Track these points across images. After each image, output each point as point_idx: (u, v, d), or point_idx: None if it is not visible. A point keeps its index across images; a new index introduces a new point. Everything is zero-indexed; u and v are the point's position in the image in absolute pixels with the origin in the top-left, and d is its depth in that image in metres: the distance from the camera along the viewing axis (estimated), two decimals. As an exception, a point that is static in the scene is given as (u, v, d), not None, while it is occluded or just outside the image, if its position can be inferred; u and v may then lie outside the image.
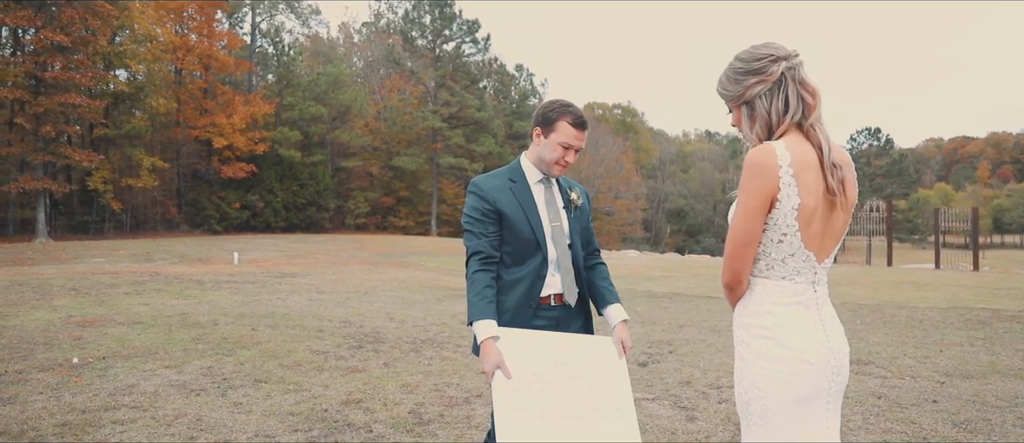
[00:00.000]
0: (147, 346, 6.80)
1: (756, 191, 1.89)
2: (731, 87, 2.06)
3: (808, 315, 1.96)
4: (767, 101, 2.00)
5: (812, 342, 1.93)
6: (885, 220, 27.44)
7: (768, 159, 1.89)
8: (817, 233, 1.94)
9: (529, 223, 2.69)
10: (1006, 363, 6.34)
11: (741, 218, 1.93)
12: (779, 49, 2.00)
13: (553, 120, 2.69)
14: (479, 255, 2.64)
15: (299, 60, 46.05)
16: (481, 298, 2.56)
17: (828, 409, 1.97)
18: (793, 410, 1.93)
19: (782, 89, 1.98)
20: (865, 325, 8.68)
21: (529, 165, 2.80)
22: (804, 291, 1.97)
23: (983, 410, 4.81)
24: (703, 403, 5.01)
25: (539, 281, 2.69)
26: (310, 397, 5.04)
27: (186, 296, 11.13)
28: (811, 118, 1.96)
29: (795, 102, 1.96)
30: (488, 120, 52.15)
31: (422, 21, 52.78)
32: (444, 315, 9.41)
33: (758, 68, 1.99)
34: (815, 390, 1.93)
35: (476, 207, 2.69)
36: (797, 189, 1.88)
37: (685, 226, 68.44)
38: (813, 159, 1.92)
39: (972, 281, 15.51)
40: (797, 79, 1.98)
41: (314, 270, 16.98)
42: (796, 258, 1.94)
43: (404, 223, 49.91)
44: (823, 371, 1.93)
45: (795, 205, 1.89)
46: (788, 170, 1.88)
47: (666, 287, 13.67)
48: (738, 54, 2.06)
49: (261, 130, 39.66)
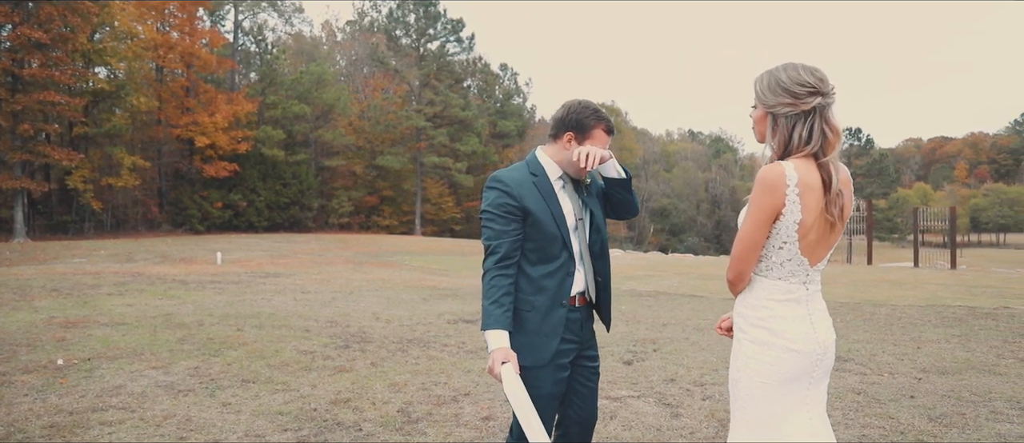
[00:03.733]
0: (132, 347, 6.79)
1: (766, 206, 2.11)
2: (766, 94, 2.20)
3: (798, 309, 2.19)
4: (791, 123, 2.16)
5: (800, 333, 2.17)
6: (866, 219, 27.74)
7: (778, 179, 2.09)
8: (812, 243, 2.16)
9: (554, 219, 2.61)
10: (981, 359, 6.48)
11: (751, 226, 2.15)
12: (822, 84, 2.14)
13: (590, 127, 2.66)
14: (498, 256, 2.56)
15: (282, 58, 45.79)
16: (498, 306, 2.49)
17: (809, 388, 2.20)
18: (776, 389, 2.17)
19: (808, 120, 2.15)
20: (845, 323, 8.81)
21: (550, 162, 2.71)
22: (796, 289, 2.19)
23: (958, 405, 4.92)
24: (688, 400, 5.09)
25: (568, 278, 2.64)
26: (299, 397, 5.07)
27: (170, 296, 11.09)
28: (830, 155, 2.14)
29: (818, 135, 2.14)
30: (472, 119, 52.16)
31: (406, 20, 52.70)
32: (430, 314, 9.44)
33: (796, 92, 2.14)
34: (798, 373, 2.17)
35: (500, 203, 2.59)
36: (800, 207, 2.10)
37: (668, 225, 68.75)
38: (817, 183, 2.12)
39: (950, 279, 15.75)
40: (825, 116, 2.16)
41: (298, 270, 16.94)
42: (792, 263, 2.17)
43: (388, 222, 49.81)
44: (808, 357, 2.17)
45: (796, 220, 2.11)
46: (794, 189, 2.09)
47: (650, 286, 13.78)
48: (788, 66, 2.19)
49: (244, 129, 39.42)
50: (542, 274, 2.61)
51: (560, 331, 2.61)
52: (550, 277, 2.61)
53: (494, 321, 2.47)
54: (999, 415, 4.68)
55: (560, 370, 2.63)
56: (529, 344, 2.56)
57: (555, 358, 2.60)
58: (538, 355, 2.57)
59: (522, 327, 2.58)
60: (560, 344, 2.61)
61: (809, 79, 2.14)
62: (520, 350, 2.52)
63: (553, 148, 2.72)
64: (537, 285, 2.60)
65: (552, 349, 2.59)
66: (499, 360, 2.40)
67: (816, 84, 2.13)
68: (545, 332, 2.59)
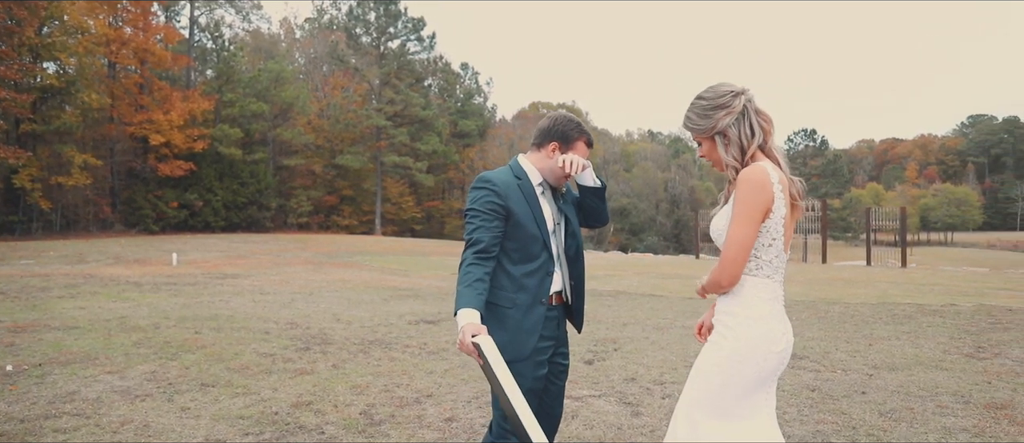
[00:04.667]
0: (85, 351, 6.64)
1: (759, 204, 2.21)
2: (702, 122, 2.37)
3: (779, 309, 2.31)
4: (737, 128, 2.32)
5: (781, 334, 2.28)
6: (820, 219, 28.34)
7: (765, 178, 2.22)
8: (789, 235, 2.33)
9: (536, 221, 2.76)
10: (928, 355, 6.70)
11: (745, 228, 2.21)
12: (734, 86, 2.33)
13: (573, 139, 2.84)
14: (478, 246, 2.65)
15: (239, 56, 44.99)
16: (471, 289, 2.56)
17: (769, 389, 2.32)
18: (748, 388, 2.26)
19: (746, 118, 2.32)
20: (801, 321, 9.02)
21: (532, 169, 2.87)
22: (779, 289, 2.31)
23: (907, 400, 5.09)
24: (648, 399, 5.17)
25: (548, 278, 2.77)
26: (259, 400, 5.03)
27: (124, 299, 10.86)
28: (769, 142, 2.33)
29: (757, 128, 2.32)
30: (433, 119, 51.94)
31: (366, 18, 52.24)
32: (391, 315, 9.41)
33: (723, 103, 2.32)
34: (771, 373, 2.28)
35: (486, 200, 2.71)
36: (784, 201, 2.26)
37: (628, 225, 69.33)
38: (783, 176, 2.29)
39: (900, 278, 16.19)
40: (754, 109, 2.33)
41: (257, 271, 16.71)
42: (779, 259, 2.29)
43: (348, 222, 49.34)
44: (781, 358, 2.29)
45: (783, 215, 2.26)
46: (778, 186, 2.24)
47: (610, 285, 13.91)
48: (700, 94, 2.37)
49: (200, 127, 38.66)
50: (523, 273, 2.73)
51: (539, 328, 2.73)
52: (531, 276, 2.74)
53: (466, 301, 2.52)
54: (945, 409, 4.85)
55: (539, 366, 2.75)
56: (510, 340, 2.66)
57: (534, 354, 2.71)
58: (519, 350, 2.67)
59: (503, 324, 2.68)
60: (538, 341, 2.73)
61: (724, 89, 2.34)
62: (502, 346, 2.57)
63: (536, 156, 2.88)
64: (519, 283, 2.73)
65: (531, 345, 2.70)
66: (470, 332, 2.42)
67: (731, 88, 2.33)
68: (526, 328, 2.70)
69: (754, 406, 2.27)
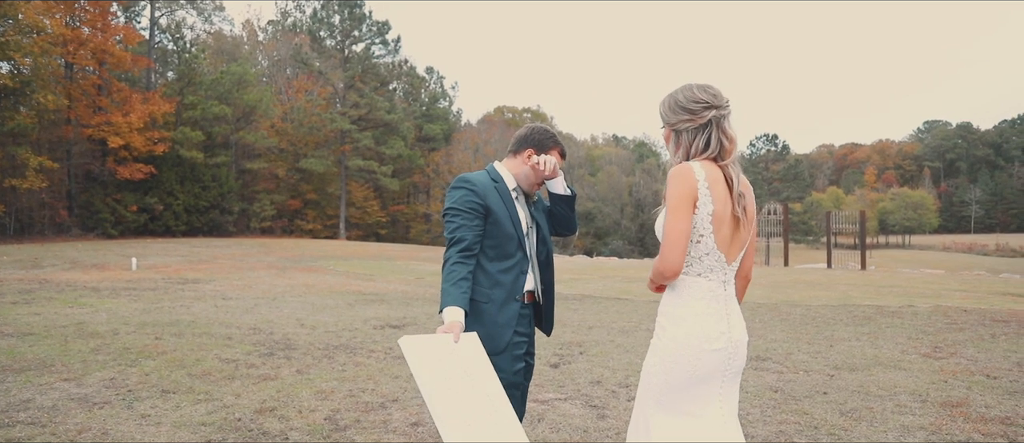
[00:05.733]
0: (41, 358, 6.47)
1: (683, 194, 2.25)
2: (668, 114, 2.43)
3: (718, 308, 2.33)
4: (691, 136, 2.37)
5: (718, 333, 2.31)
6: (782, 222, 28.79)
7: (688, 171, 2.27)
8: (726, 237, 2.32)
9: (512, 221, 2.86)
10: (887, 356, 6.84)
11: (674, 217, 2.25)
12: (716, 98, 2.35)
13: (547, 149, 2.98)
14: (461, 244, 2.74)
15: (201, 58, 44.26)
16: (456, 287, 2.65)
17: (722, 386, 2.35)
18: (689, 386, 2.30)
19: (706, 131, 2.35)
20: (764, 323, 9.14)
21: (508, 174, 2.99)
22: (716, 289, 2.33)
23: (867, 400, 5.19)
24: (613, 402, 5.19)
25: (522, 276, 2.88)
26: (222, 407, 4.94)
27: (81, 304, 10.61)
28: (727, 160, 2.34)
29: (715, 144, 2.34)
30: (398, 122, 51.67)
31: (331, 21, 51.81)
32: (356, 320, 9.33)
33: (692, 109, 2.35)
34: (712, 372, 2.31)
35: (466, 199, 2.81)
36: (711, 198, 2.27)
37: (593, 229, 69.63)
38: (722, 179, 2.31)
39: (860, 280, 16.52)
40: (721, 126, 2.36)
41: (219, 275, 16.46)
42: (710, 257, 2.31)
43: (312, 226, 48.81)
44: (721, 356, 2.31)
45: (710, 211, 2.27)
46: (704, 183, 2.27)
47: (575, 289, 13.96)
48: (684, 88, 2.40)
49: (160, 129, 37.92)
50: (499, 270, 2.84)
51: (513, 323, 2.83)
52: (506, 273, 2.84)
53: (452, 299, 2.63)
54: (903, 408, 4.95)
55: (516, 360, 2.83)
56: (486, 334, 2.73)
57: (510, 348, 2.80)
58: (495, 344, 2.75)
59: (480, 318, 2.77)
60: (513, 336, 2.82)
61: (703, 96, 2.35)
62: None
63: (512, 162, 3.01)
64: (494, 280, 2.83)
65: (506, 339, 2.79)
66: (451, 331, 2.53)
67: (710, 99, 2.34)
68: (501, 323, 2.80)
69: (702, 402, 2.31)
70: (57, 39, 33.97)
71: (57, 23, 34.26)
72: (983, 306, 10.85)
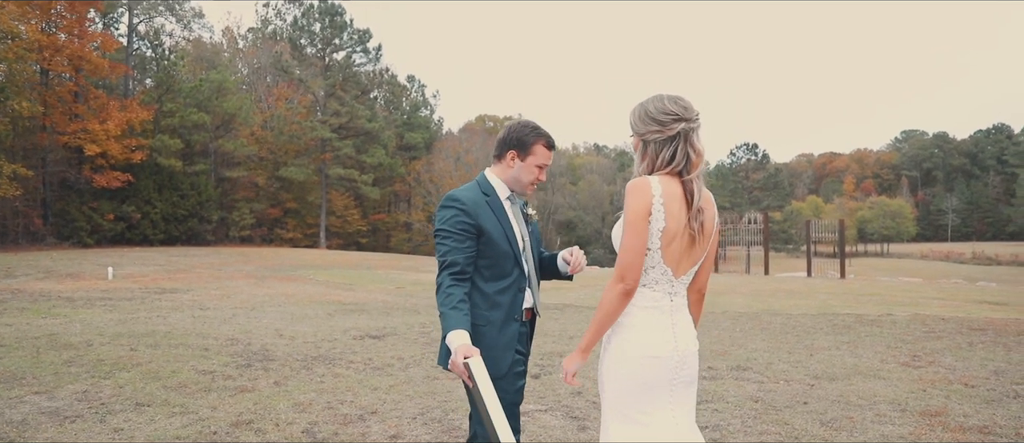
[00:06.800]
0: (11, 371, 6.33)
1: (638, 208, 2.27)
2: (637, 124, 2.41)
3: (661, 319, 2.35)
4: (658, 147, 2.36)
5: (662, 341, 2.34)
6: (762, 231, 28.98)
7: (644, 186, 2.29)
8: (676, 253, 2.33)
9: (507, 238, 2.74)
10: (867, 365, 6.87)
11: (631, 231, 2.27)
12: (686, 110, 2.34)
13: (530, 144, 2.80)
14: (454, 268, 2.63)
15: (180, 65, 43.85)
16: (457, 310, 2.54)
17: (672, 394, 2.37)
18: (638, 394, 2.33)
19: (673, 143, 2.35)
20: (745, 333, 9.16)
21: (499, 182, 2.86)
22: (661, 299, 2.36)
23: (847, 409, 5.19)
24: (594, 413, 5.16)
25: (520, 294, 2.76)
26: (197, 420, 4.85)
27: (55, 315, 10.43)
28: (693, 174, 2.32)
29: (681, 157, 2.34)
30: (379, 131, 51.52)
31: (311, 29, 51.60)
32: (335, 330, 9.24)
33: (662, 120, 2.35)
34: (658, 379, 2.33)
35: (456, 220, 2.68)
36: (664, 214, 2.28)
37: (574, 237, 69.77)
38: (680, 195, 2.31)
39: (839, 288, 16.64)
40: (689, 139, 2.33)
41: (197, 285, 16.27)
42: (656, 270, 2.33)
43: (292, 235, 48.45)
44: (667, 364, 2.34)
45: (661, 227, 2.28)
46: (659, 199, 2.28)
47: (556, 299, 13.94)
48: (655, 98, 2.39)
49: (138, 137, 37.50)
50: (496, 290, 2.72)
51: (514, 344, 2.73)
52: (504, 293, 2.73)
53: (455, 322, 2.52)
54: (883, 417, 4.96)
55: (517, 378, 2.76)
56: (487, 358, 2.60)
57: (511, 370, 2.72)
58: (497, 367, 2.65)
59: (479, 342, 2.63)
60: (514, 356, 2.72)
61: (673, 108, 2.35)
62: None
63: (499, 167, 2.87)
64: (492, 301, 2.71)
65: (508, 361, 2.69)
66: (463, 353, 2.41)
67: (680, 112, 2.34)
68: (501, 345, 2.69)
69: (649, 409, 2.34)
70: (32, 45, 33.50)
71: (33, 29, 33.82)
72: (960, 314, 10.96)
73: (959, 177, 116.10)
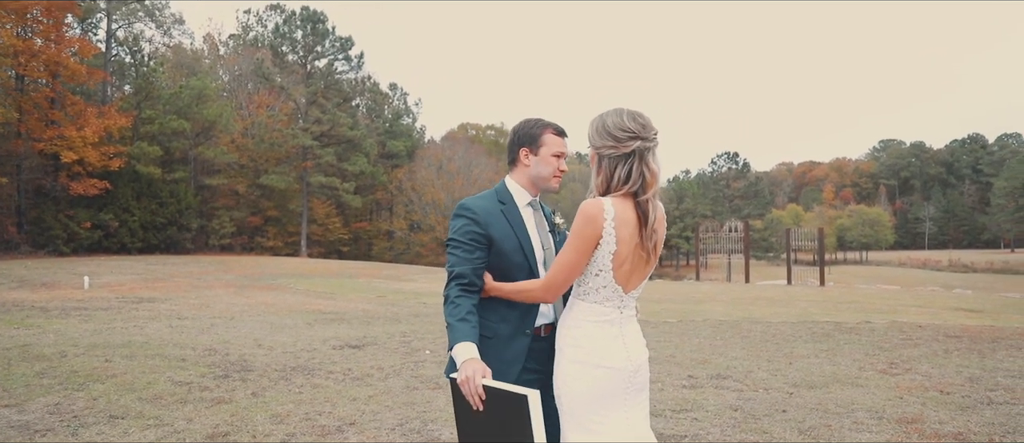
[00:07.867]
0: (-18, 382, 6.21)
1: (586, 236, 2.29)
2: (594, 137, 2.41)
3: (611, 330, 2.38)
4: (612, 164, 2.36)
5: (612, 352, 2.36)
6: (743, 239, 29.16)
7: (598, 212, 2.28)
8: (627, 272, 2.35)
9: (523, 249, 2.63)
10: (845, 373, 6.91)
11: (572, 254, 2.31)
12: (644, 129, 2.33)
13: (538, 136, 2.72)
14: (462, 280, 2.53)
15: (160, 71, 43.51)
16: (464, 322, 2.44)
17: (626, 401, 2.39)
18: (592, 403, 2.35)
19: (628, 161, 2.34)
20: (725, 341, 9.20)
21: (518, 188, 2.74)
22: (611, 313, 2.38)
23: (825, 417, 5.22)
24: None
25: (533, 308, 2.62)
26: (173, 432, 4.78)
27: (28, 325, 10.26)
28: (647, 194, 2.34)
29: (636, 176, 2.33)
30: (361, 139, 51.36)
31: (293, 36, 51.43)
32: (315, 340, 9.17)
33: (618, 136, 2.34)
34: (612, 389, 2.35)
35: (467, 230, 2.59)
36: (615, 239, 2.29)
37: (557, 245, 69.88)
38: (633, 219, 2.32)
39: (819, 296, 16.76)
40: (644, 159, 2.34)
41: (175, 294, 16.09)
42: (607, 289, 2.36)
43: (272, 244, 48.06)
44: (621, 374, 2.36)
45: (611, 251, 2.31)
46: (611, 223, 2.28)
47: (539, 306, 13.92)
48: (615, 112, 2.38)
49: (116, 144, 37.08)
50: (506, 303, 2.60)
51: (521, 359, 2.59)
52: (514, 306, 2.60)
53: (462, 335, 2.41)
54: (861, 425, 4.99)
55: None
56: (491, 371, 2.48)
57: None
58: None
59: (483, 354, 2.49)
60: (521, 372, 2.57)
61: (630, 125, 2.33)
62: None
63: (516, 172, 2.75)
64: (501, 314, 2.61)
65: (512, 376, 2.54)
66: (477, 372, 2.28)
67: (637, 130, 2.32)
68: (506, 359, 2.57)
69: (602, 417, 2.36)
70: (7, 50, 33.09)
71: (8, 33, 33.41)
72: (937, 322, 11.08)
73: (936, 186, 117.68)
